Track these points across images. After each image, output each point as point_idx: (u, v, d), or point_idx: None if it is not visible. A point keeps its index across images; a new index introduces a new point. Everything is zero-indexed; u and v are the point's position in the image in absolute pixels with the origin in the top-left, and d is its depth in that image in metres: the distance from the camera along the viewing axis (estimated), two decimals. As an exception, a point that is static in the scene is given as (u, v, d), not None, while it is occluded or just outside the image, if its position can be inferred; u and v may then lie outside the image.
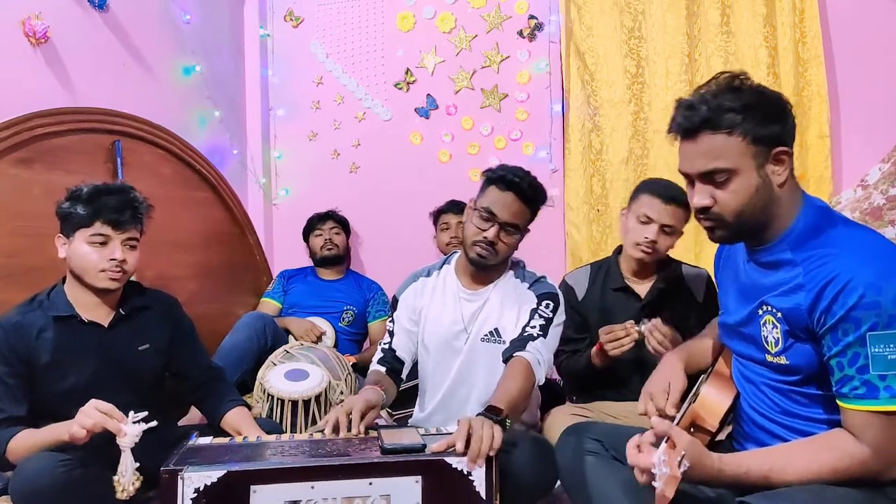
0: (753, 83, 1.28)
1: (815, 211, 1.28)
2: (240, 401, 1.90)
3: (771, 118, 1.24)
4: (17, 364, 1.63)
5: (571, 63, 3.06)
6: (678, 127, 1.29)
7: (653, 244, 2.04)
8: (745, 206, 1.25)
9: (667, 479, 1.07)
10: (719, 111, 1.23)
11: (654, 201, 2.04)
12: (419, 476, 1.35)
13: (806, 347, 1.23)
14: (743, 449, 1.37)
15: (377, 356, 1.96)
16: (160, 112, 2.79)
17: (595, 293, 2.19)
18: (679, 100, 1.31)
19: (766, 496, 1.15)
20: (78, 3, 2.47)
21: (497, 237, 1.82)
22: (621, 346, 1.89)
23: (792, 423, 1.28)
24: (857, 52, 2.77)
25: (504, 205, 1.81)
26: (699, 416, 1.38)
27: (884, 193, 2.61)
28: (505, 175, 1.82)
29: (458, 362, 1.91)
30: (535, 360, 1.74)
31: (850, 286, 1.14)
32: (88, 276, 1.69)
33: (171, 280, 2.68)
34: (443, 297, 1.96)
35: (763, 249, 1.31)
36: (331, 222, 3.18)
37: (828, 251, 1.21)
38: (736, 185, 1.24)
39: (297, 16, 3.48)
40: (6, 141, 2.14)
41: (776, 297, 1.26)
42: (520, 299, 1.89)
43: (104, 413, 1.44)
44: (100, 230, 1.68)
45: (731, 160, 1.23)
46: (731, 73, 1.29)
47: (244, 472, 1.32)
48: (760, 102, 1.24)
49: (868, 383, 1.13)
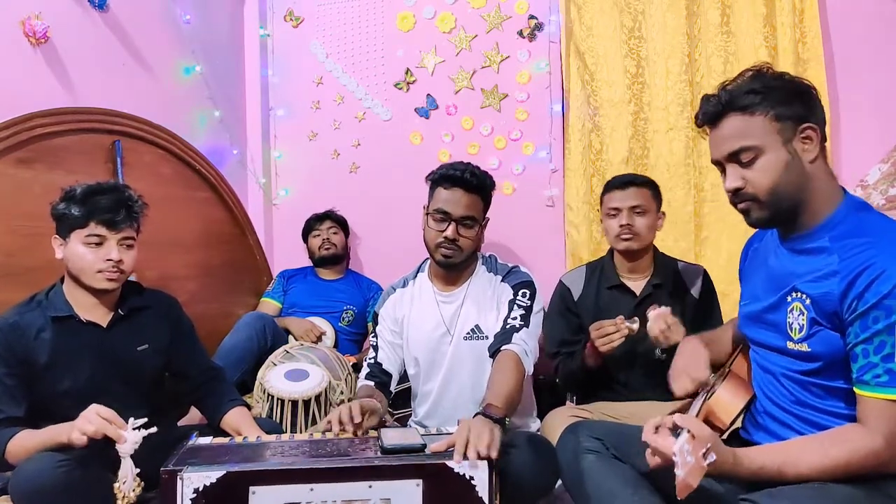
0: (776, 71, 1.31)
1: (854, 204, 1.29)
2: (240, 401, 1.90)
3: (793, 96, 1.26)
4: (15, 364, 1.62)
5: (571, 63, 3.05)
6: (703, 116, 1.32)
7: (629, 228, 2.13)
8: (778, 183, 1.26)
9: (691, 469, 1.08)
10: (739, 94, 1.26)
11: (612, 194, 2.19)
12: (420, 479, 1.34)
13: (830, 335, 1.23)
14: (751, 439, 1.38)
15: (364, 371, 1.98)
16: (160, 112, 2.79)
17: (591, 292, 2.21)
18: (704, 95, 1.34)
19: (769, 494, 1.16)
20: (78, 3, 2.47)
21: (456, 233, 1.85)
22: (611, 341, 1.90)
23: (806, 415, 1.28)
24: (857, 52, 2.77)
25: (454, 201, 1.85)
26: (713, 413, 1.38)
27: (883, 193, 2.61)
28: (446, 173, 1.88)
29: (445, 365, 1.93)
30: (523, 350, 1.76)
31: (885, 275, 1.15)
32: (85, 276, 1.69)
33: (171, 280, 2.68)
34: (420, 303, 1.99)
35: (801, 237, 1.31)
36: (328, 222, 3.18)
37: (865, 240, 1.21)
38: (763, 162, 1.26)
39: (297, 16, 3.48)
40: (6, 141, 2.13)
41: (808, 284, 1.26)
42: (496, 293, 1.92)
43: (105, 419, 1.44)
44: (94, 230, 1.67)
45: (755, 138, 1.25)
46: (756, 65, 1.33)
47: (243, 473, 1.32)
48: (782, 83, 1.27)
49: (891, 372, 1.14)
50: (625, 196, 2.16)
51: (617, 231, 2.15)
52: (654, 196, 2.19)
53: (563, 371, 2.15)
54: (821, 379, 1.26)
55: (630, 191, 2.16)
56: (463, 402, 1.88)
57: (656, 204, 2.19)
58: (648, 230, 2.15)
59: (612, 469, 1.40)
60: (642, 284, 2.18)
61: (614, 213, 2.16)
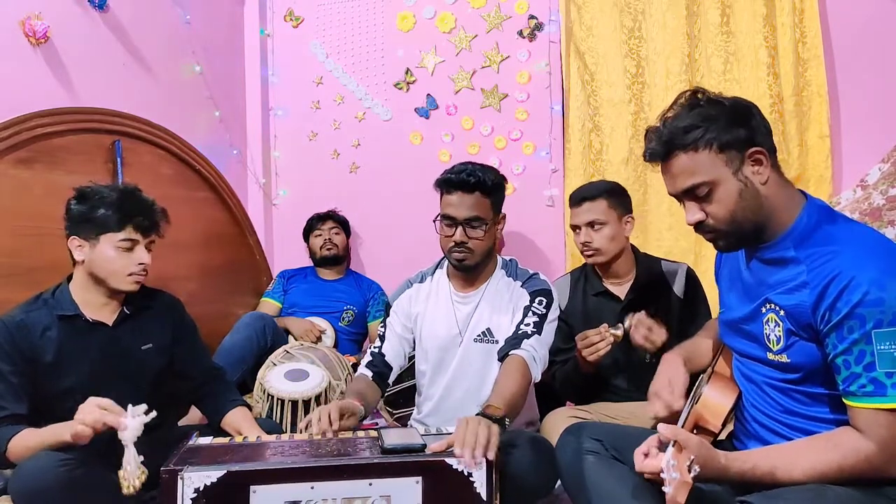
0: (712, 95, 1.31)
1: (817, 209, 1.29)
2: (240, 401, 1.90)
3: (734, 123, 1.26)
4: (20, 362, 1.63)
5: (571, 63, 3.05)
6: (650, 156, 1.33)
7: (588, 245, 2.16)
8: (735, 212, 1.27)
9: (678, 485, 1.07)
10: (679, 132, 1.27)
11: (572, 211, 2.21)
12: (419, 477, 1.35)
13: (807, 346, 1.23)
14: (745, 448, 1.37)
15: (365, 359, 1.98)
16: (160, 112, 2.79)
17: (577, 300, 2.22)
18: (647, 129, 1.35)
19: (766, 496, 1.16)
20: (78, 3, 2.47)
21: (464, 236, 1.84)
22: (597, 350, 1.89)
23: (794, 423, 1.28)
24: (857, 52, 2.77)
25: (456, 204, 1.85)
26: (702, 418, 1.38)
27: (884, 194, 2.61)
28: (446, 178, 1.87)
29: (454, 365, 1.92)
30: (531, 357, 1.75)
31: (853, 283, 1.15)
32: (115, 279, 1.71)
33: (172, 280, 2.68)
34: (437, 301, 1.98)
35: (766, 247, 1.31)
36: (331, 222, 3.18)
37: (831, 248, 1.21)
38: (719, 194, 1.27)
39: (297, 16, 3.48)
40: (6, 141, 2.14)
41: (780, 295, 1.27)
42: (513, 298, 1.90)
43: (103, 408, 1.44)
44: (131, 235, 1.70)
45: (705, 173, 1.26)
46: (689, 90, 1.33)
47: (244, 472, 1.32)
48: (720, 112, 1.27)
49: (875, 381, 1.14)
50: (579, 213, 2.17)
51: (580, 247, 2.19)
52: (614, 205, 2.16)
53: (560, 378, 2.15)
54: (803, 387, 1.27)
55: (584, 206, 2.16)
56: (468, 404, 1.87)
57: (617, 212, 2.16)
58: (609, 241, 2.14)
59: (611, 470, 1.39)
60: (626, 288, 2.18)
61: (576, 230, 2.20)
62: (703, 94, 1.31)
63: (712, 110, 1.27)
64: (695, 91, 1.32)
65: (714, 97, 1.31)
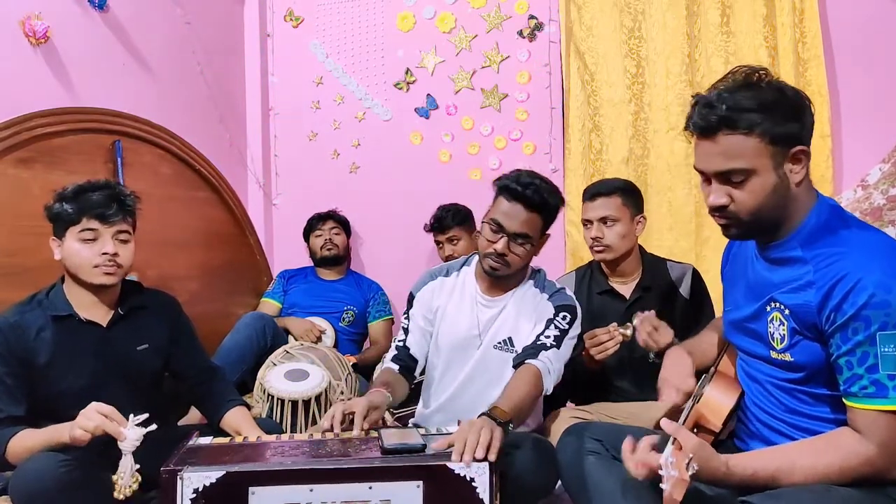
0: (773, 79, 1.26)
1: (827, 209, 1.27)
2: (240, 401, 1.90)
3: (790, 117, 1.21)
4: (15, 364, 1.62)
5: (571, 63, 3.05)
6: (695, 125, 1.26)
7: (599, 240, 2.14)
8: (762, 206, 1.24)
9: (675, 482, 1.07)
10: (737, 110, 1.20)
11: (585, 205, 2.19)
12: (420, 481, 1.33)
13: (811, 345, 1.23)
14: (746, 447, 1.37)
15: (391, 353, 1.94)
16: (160, 112, 2.79)
17: (581, 299, 2.20)
18: (696, 96, 1.28)
19: (768, 496, 1.15)
20: (78, 3, 2.47)
21: (507, 249, 1.77)
22: (606, 349, 1.88)
23: (797, 422, 1.28)
24: (857, 52, 2.77)
25: (511, 216, 1.77)
26: (703, 417, 1.38)
27: (884, 193, 2.61)
28: (509, 185, 1.78)
29: (469, 367, 1.89)
30: (546, 368, 1.72)
31: (860, 285, 1.14)
32: (83, 272, 1.69)
33: (172, 280, 2.68)
34: (461, 299, 1.93)
35: (774, 246, 1.30)
36: (331, 222, 3.18)
37: (838, 250, 1.21)
38: (753, 185, 1.22)
39: (297, 16, 3.47)
40: (6, 141, 2.13)
41: (785, 294, 1.26)
42: (538, 309, 1.86)
43: (105, 416, 1.44)
44: (87, 225, 1.67)
45: (749, 160, 1.21)
46: (750, 67, 1.27)
47: (243, 473, 1.31)
48: (780, 101, 1.22)
49: (877, 383, 1.14)
50: (593, 207, 2.15)
51: (589, 244, 2.18)
52: (627, 203, 2.15)
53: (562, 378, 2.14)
54: (806, 387, 1.26)
55: (598, 202, 2.15)
56: (478, 407, 1.84)
57: (630, 211, 2.15)
58: (620, 239, 2.12)
59: (611, 470, 1.39)
60: (631, 288, 2.18)
61: (587, 225, 2.18)
62: (766, 74, 1.26)
63: (773, 97, 1.22)
64: (756, 69, 1.26)
65: (775, 83, 1.25)
